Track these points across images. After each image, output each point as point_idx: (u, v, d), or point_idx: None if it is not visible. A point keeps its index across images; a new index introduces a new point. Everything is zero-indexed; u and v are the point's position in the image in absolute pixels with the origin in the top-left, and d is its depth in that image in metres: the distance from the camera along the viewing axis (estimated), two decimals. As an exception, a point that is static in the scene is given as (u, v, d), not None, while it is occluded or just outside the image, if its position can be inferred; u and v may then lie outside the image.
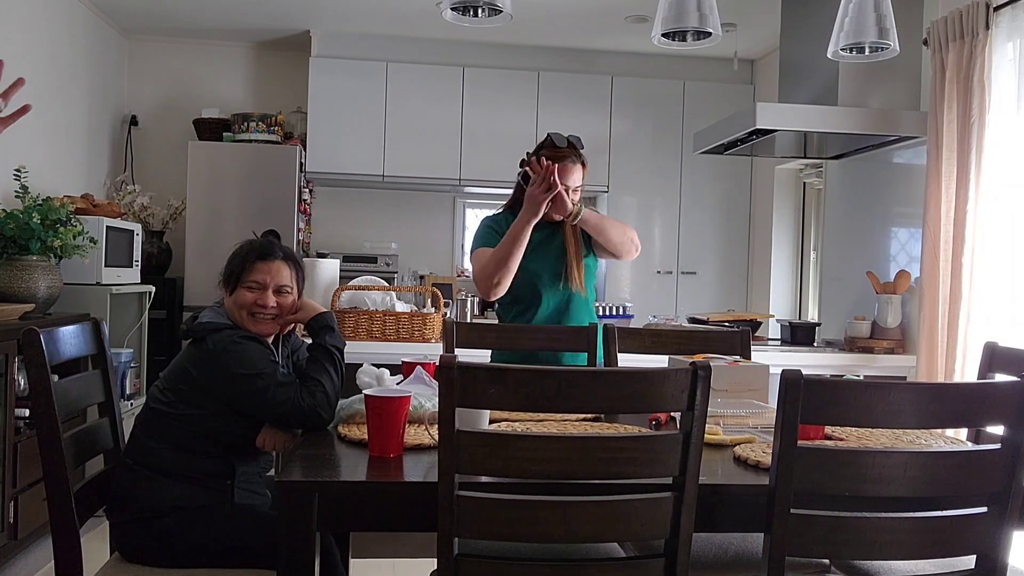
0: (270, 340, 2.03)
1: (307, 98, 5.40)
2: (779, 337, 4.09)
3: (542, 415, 1.93)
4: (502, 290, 2.48)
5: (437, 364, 2.21)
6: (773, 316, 4.51)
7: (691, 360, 2.04)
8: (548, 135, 2.59)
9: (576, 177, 2.58)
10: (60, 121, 4.58)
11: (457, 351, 2.56)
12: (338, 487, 1.46)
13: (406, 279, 5.74)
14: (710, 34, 1.92)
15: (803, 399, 1.32)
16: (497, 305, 2.69)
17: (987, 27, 3.07)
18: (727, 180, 5.79)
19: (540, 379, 1.35)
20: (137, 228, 4.35)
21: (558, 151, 2.54)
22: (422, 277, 5.81)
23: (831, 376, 1.39)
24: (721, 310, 5.39)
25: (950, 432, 2.05)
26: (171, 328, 5.05)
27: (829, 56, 2.20)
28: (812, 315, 5.25)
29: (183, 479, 1.88)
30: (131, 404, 4.04)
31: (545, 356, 2.62)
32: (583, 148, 2.61)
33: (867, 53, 2.15)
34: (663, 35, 2.02)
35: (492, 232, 2.60)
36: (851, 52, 2.17)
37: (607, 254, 2.65)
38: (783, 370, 1.34)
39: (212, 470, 1.91)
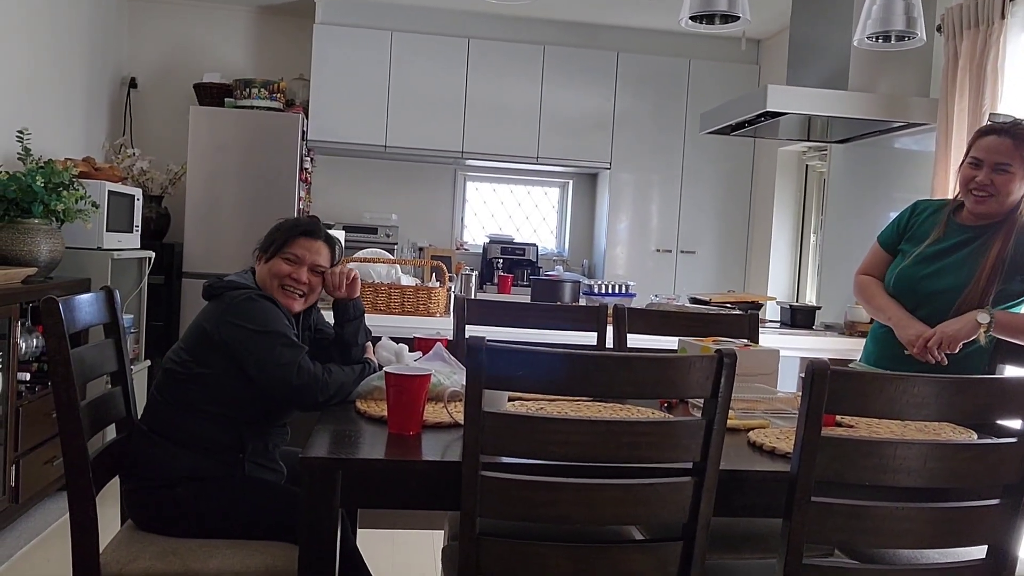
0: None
1: (310, 65, 5.35)
2: (779, 319, 4.11)
3: (555, 395, 1.94)
4: None
5: (449, 340, 2.23)
6: (775, 299, 4.53)
7: (711, 343, 2.05)
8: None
9: (1004, 155, 2.15)
10: (59, 81, 4.51)
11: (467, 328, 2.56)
12: (361, 464, 1.46)
13: (406, 251, 5.73)
14: (738, 18, 1.91)
15: (829, 390, 1.33)
16: None
17: (1003, 16, 3.06)
18: (729, 160, 5.79)
19: (568, 363, 1.36)
20: (138, 193, 4.31)
21: (989, 126, 2.24)
22: (421, 249, 5.80)
23: (830, 359, 1.39)
24: (720, 290, 5.41)
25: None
26: (169, 294, 5.03)
27: (855, 44, 2.20)
28: (809, 298, 5.28)
29: (194, 449, 1.88)
30: (131, 370, 4.03)
31: None
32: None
33: (893, 42, 2.14)
34: (691, 18, 2.01)
35: (893, 229, 2.43)
36: (877, 40, 2.16)
37: None
38: (809, 361, 1.35)
39: (223, 441, 1.91)
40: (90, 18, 4.88)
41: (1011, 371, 2.24)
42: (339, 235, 3.75)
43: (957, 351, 2.17)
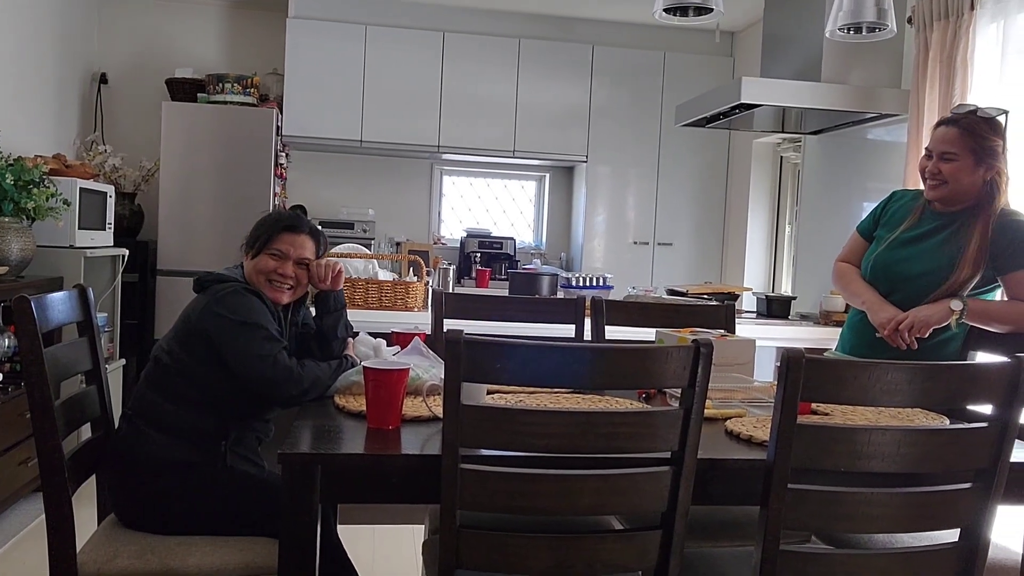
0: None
1: (283, 60, 5.31)
2: (755, 310, 4.15)
3: (533, 387, 1.94)
4: None
5: (427, 334, 2.23)
6: (751, 289, 4.56)
7: (688, 334, 2.06)
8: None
9: (949, 144, 2.22)
10: (28, 78, 4.44)
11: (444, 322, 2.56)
12: (341, 459, 1.46)
13: (383, 246, 5.71)
14: (711, 10, 1.92)
15: (804, 378, 1.35)
16: None
17: (972, 7, 3.10)
18: (705, 152, 5.82)
19: (546, 354, 1.37)
20: (110, 190, 4.26)
21: (942, 118, 2.31)
22: (398, 244, 5.78)
23: (806, 348, 1.41)
24: (697, 282, 5.44)
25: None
26: (143, 292, 4.98)
27: (826, 35, 2.22)
28: (785, 288, 5.33)
29: (177, 436, 1.89)
30: (106, 368, 3.98)
31: None
32: (989, 122, 2.22)
33: (864, 33, 2.16)
34: (664, 10, 2.02)
35: (870, 217, 2.46)
36: (848, 31, 2.18)
37: None
38: (785, 348, 1.37)
39: (205, 429, 1.91)
40: (59, 13, 4.81)
41: (982, 357, 2.28)
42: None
43: (927, 336, 2.21)
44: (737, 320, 3.58)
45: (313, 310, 2.12)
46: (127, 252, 4.30)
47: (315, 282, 2.06)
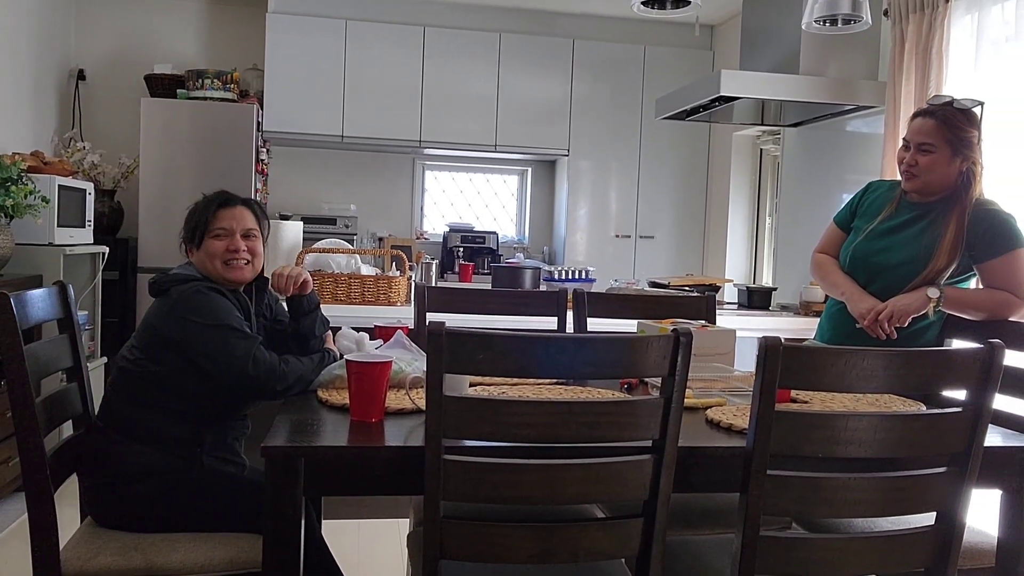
0: (242, 291, 2.02)
1: (263, 55, 5.28)
2: (736, 301, 4.18)
3: (516, 379, 1.96)
4: None
5: (410, 328, 2.23)
6: (731, 281, 4.60)
7: (669, 325, 2.08)
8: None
9: (926, 136, 2.25)
10: (4, 74, 4.40)
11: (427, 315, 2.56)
12: (324, 452, 1.46)
13: (365, 241, 5.70)
14: (689, 3, 1.93)
15: (782, 365, 1.37)
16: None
17: (947, 0, 3.13)
18: (685, 145, 5.85)
19: (528, 345, 1.37)
20: (89, 187, 4.23)
21: (919, 109, 2.33)
22: (381, 239, 5.78)
23: (785, 338, 1.42)
24: (678, 274, 5.47)
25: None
26: (124, 289, 4.95)
27: (803, 28, 2.24)
28: (766, 280, 5.37)
29: (151, 445, 1.86)
30: (87, 366, 3.96)
31: None
32: (965, 113, 2.25)
33: (840, 25, 2.18)
34: (643, 3, 2.03)
35: (847, 208, 2.49)
36: (824, 24, 2.20)
37: None
38: (763, 337, 1.38)
39: (179, 436, 1.89)
40: (36, 8, 4.76)
41: (958, 345, 2.31)
42: (297, 226, 3.74)
43: (907, 325, 2.24)
44: (718, 311, 3.60)
45: (285, 306, 2.11)
46: (107, 250, 4.27)
47: (278, 292, 2.04)
